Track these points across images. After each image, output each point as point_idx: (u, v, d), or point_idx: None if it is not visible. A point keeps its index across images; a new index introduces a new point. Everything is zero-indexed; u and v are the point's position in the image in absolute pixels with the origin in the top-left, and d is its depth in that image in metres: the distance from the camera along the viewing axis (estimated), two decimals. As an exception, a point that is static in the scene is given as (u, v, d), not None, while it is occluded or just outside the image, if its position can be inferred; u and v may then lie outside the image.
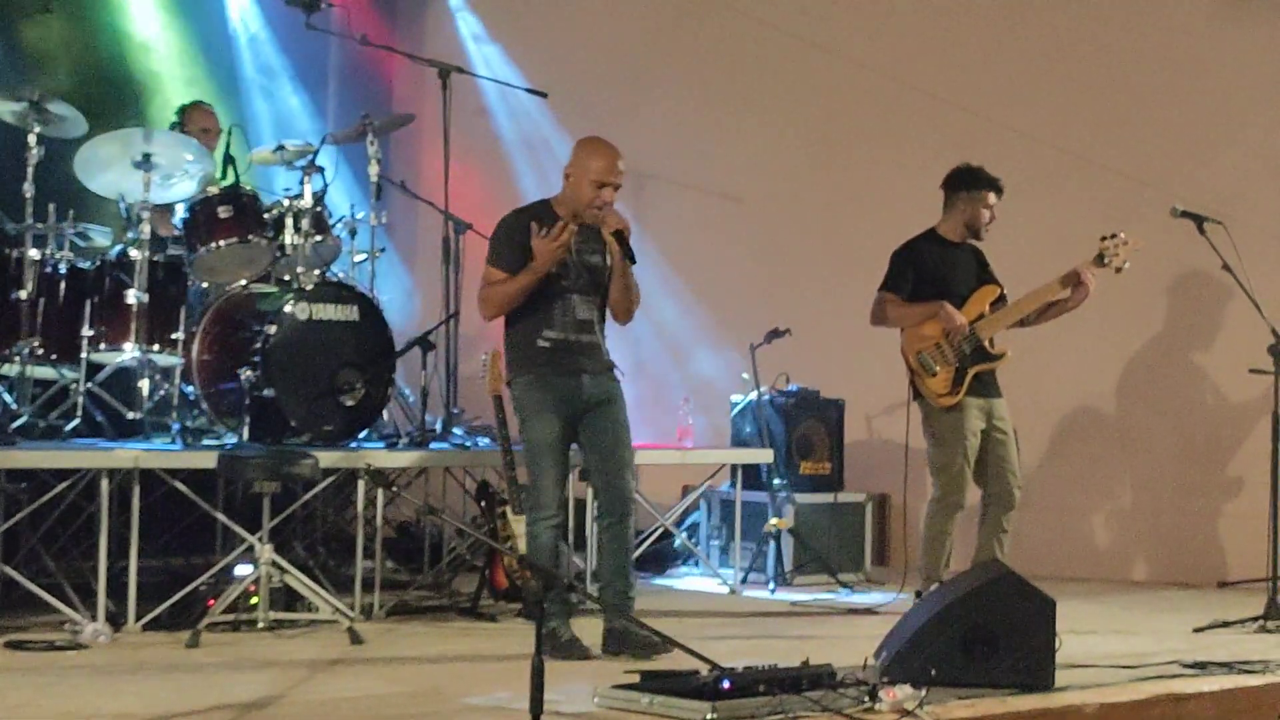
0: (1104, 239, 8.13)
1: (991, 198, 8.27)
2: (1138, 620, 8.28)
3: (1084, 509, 10.12)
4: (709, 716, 5.36)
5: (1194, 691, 6.22)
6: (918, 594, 8.16)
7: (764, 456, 9.58)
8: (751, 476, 9.63)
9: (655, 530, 9.67)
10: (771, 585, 9.35)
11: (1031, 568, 6.95)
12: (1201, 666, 6.58)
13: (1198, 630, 7.70)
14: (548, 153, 11.83)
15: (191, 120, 9.52)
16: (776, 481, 9.61)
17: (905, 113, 10.67)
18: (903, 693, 5.66)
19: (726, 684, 5.50)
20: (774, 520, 9.47)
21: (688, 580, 9.80)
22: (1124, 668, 6.51)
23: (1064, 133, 10.16)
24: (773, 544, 9.45)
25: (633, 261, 6.97)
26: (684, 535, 9.85)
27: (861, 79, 10.84)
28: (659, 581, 9.75)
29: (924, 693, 5.68)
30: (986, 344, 8.17)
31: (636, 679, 5.70)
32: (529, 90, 10.00)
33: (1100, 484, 10.12)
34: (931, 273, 8.24)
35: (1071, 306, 8.27)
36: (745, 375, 9.73)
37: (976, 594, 6.25)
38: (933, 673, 5.91)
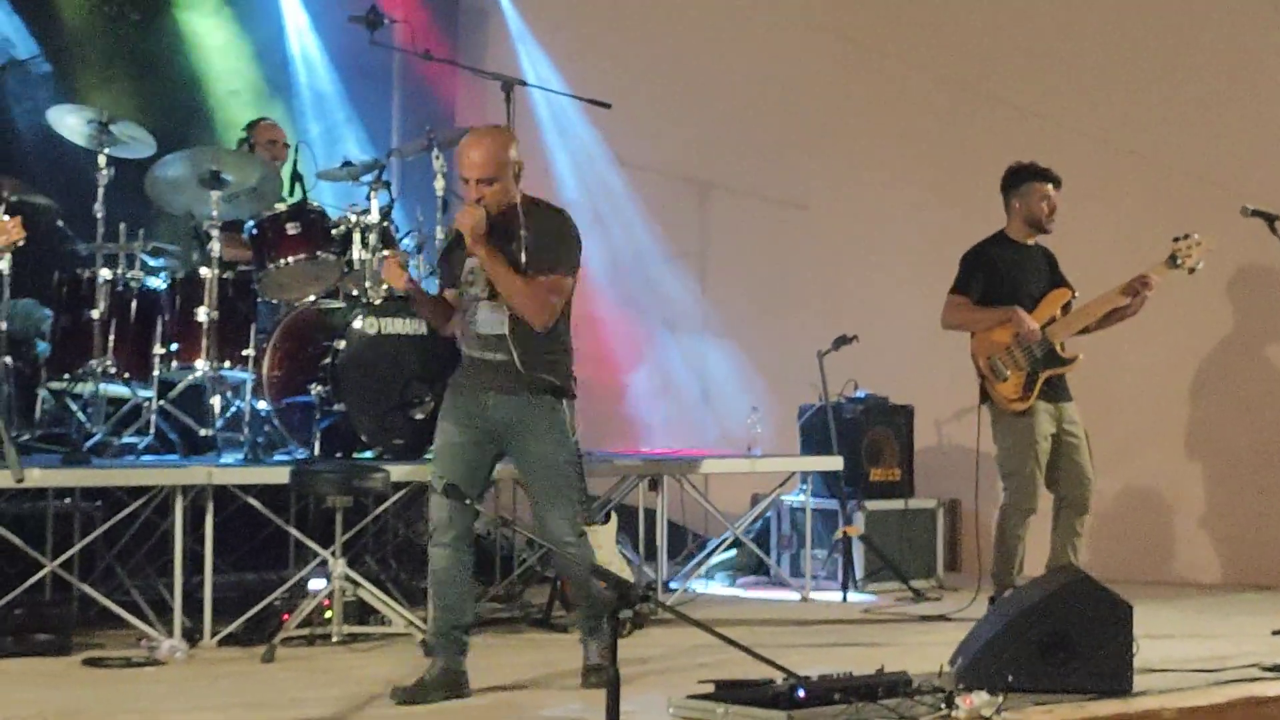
0: (1176, 240, 8.06)
1: (1047, 188, 8.26)
2: (1215, 623, 8.20)
3: (1159, 511, 10.03)
4: (785, 725, 5.35)
5: (1274, 695, 6.14)
6: (991, 600, 8.13)
7: (833, 464, 9.54)
8: (821, 484, 9.60)
9: (725, 539, 9.68)
10: (843, 593, 9.32)
11: (1107, 572, 6.91)
12: (1281, 669, 6.53)
13: (1276, 633, 7.59)
14: (604, 165, 11.86)
15: (259, 135, 9.60)
16: (846, 489, 9.57)
17: (971, 117, 10.62)
18: (979, 699, 5.63)
19: (802, 693, 5.49)
20: (844, 527, 9.44)
21: (759, 589, 9.77)
22: (1203, 671, 6.46)
23: (1132, 134, 10.09)
24: (843, 551, 9.42)
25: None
26: (754, 544, 9.82)
27: (923, 84, 10.80)
28: (731, 590, 9.74)
29: (1001, 699, 5.66)
30: (1058, 348, 8.14)
31: (711, 688, 5.69)
32: (592, 102, 9.98)
33: (1175, 486, 10.02)
34: (1002, 275, 8.23)
35: (1130, 314, 8.24)
36: (813, 383, 9.69)
37: (1052, 599, 6.21)
38: (1009, 679, 5.87)
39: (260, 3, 11.79)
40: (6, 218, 6.62)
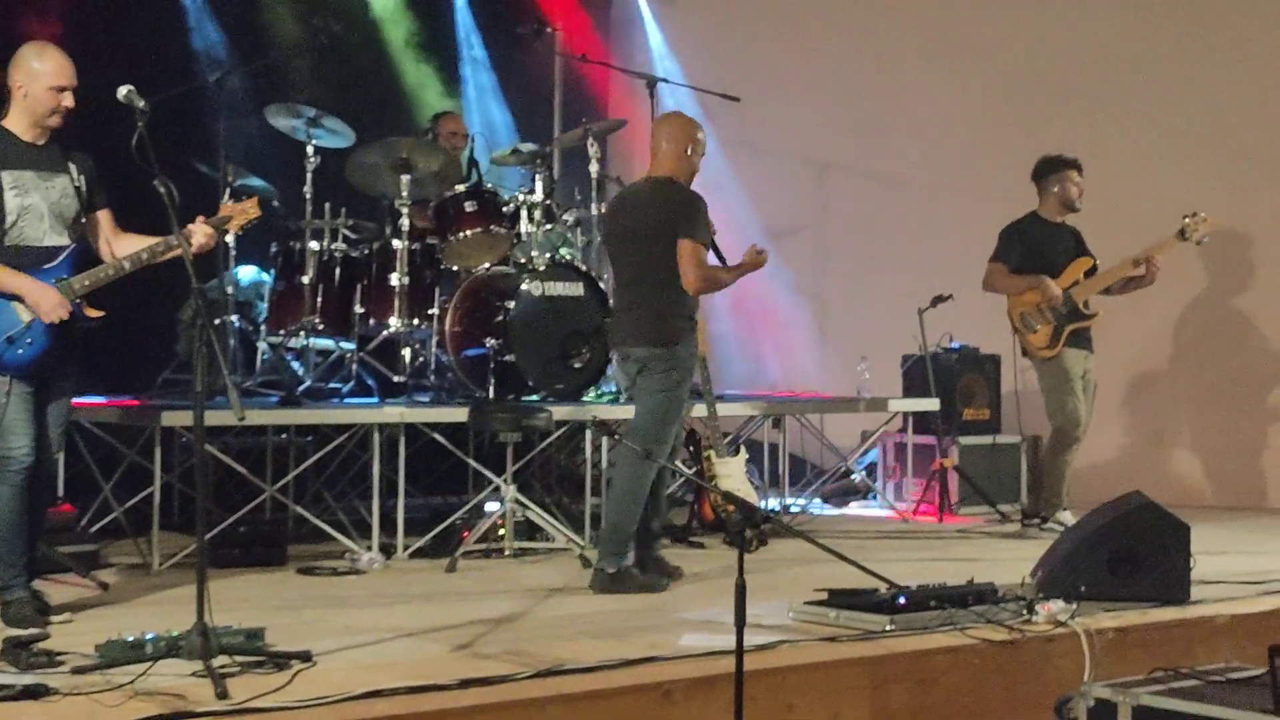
0: (1186, 217, 8.24)
1: (1075, 174, 8.45)
2: (1264, 542, 8.09)
3: (1217, 445, 9.87)
4: (888, 627, 5.37)
5: (1316, 604, 6.08)
6: (1042, 520, 8.36)
7: (931, 405, 9.51)
8: (920, 422, 9.57)
9: (838, 469, 9.69)
10: (939, 516, 9.28)
11: (1168, 497, 6.84)
12: (1323, 581, 6.43)
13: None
14: (741, 149, 11.81)
15: (442, 126, 9.66)
16: (942, 426, 9.53)
17: (1043, 106, 10.45)
18: (1056, 606, 5.63)
19: (902, 600, 5.51)
20: (941, 459, 9.40)
21: (867, 511, 9.75)
22: (1251, 583, 6.38)
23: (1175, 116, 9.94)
24: (939, 480, 9.38)
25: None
26: (863, 473, 9.82)
27: (994, 80, 10.66)
28: (842, 512, 9.73)
29: (1075, 606, 5.66)
30: (1081, 306, 8.32)
31: (825, 596, 5.71)
32: (724, 96, 9.96)
33: (1228, 419, 9.84)
34: (1035, 247, 8.44)
35: (1148, 282, 8.39)
36: (914, 335, 9.65)
37: (1120, 520, 6.18)
38: (1082, 589, 5.86)
39: (439, 14, 11.85)
40: (230, 200, 6.75)
